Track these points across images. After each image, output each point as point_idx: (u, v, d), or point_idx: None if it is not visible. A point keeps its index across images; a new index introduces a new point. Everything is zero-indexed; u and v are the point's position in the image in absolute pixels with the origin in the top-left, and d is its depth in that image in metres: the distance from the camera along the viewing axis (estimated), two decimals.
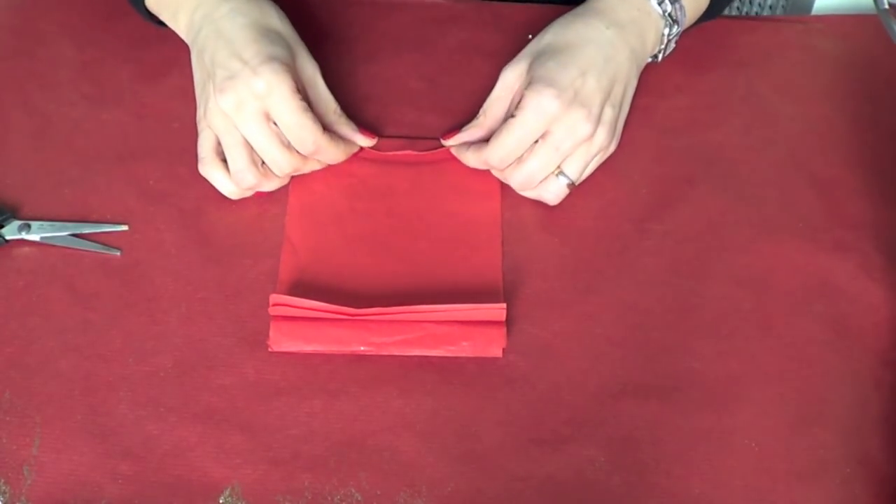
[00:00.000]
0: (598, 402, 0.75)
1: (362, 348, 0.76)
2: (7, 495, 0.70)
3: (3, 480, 0.70)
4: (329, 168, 0.85)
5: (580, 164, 0.82)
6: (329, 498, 0.71)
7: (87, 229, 0.81)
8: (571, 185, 0.82)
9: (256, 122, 0.78)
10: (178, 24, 0.85)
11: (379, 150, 0.86)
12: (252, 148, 0.80)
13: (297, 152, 0.80)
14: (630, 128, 0.87)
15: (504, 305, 0.77)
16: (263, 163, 0.81)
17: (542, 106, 0.79)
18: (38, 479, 0.71)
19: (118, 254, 0.81)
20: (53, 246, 0.81)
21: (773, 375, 0.76)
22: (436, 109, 0.89)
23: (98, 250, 0.80)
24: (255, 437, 0.73)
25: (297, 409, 0.74)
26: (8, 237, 0.80)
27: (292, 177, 0.84)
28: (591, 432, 0.74)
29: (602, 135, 0.81)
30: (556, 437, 0.73)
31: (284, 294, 0.77)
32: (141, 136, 0.87)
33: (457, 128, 0.85)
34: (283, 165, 0.80)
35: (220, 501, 0.70)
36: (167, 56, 0.89)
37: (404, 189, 0.85)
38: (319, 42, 0.92)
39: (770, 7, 1.25)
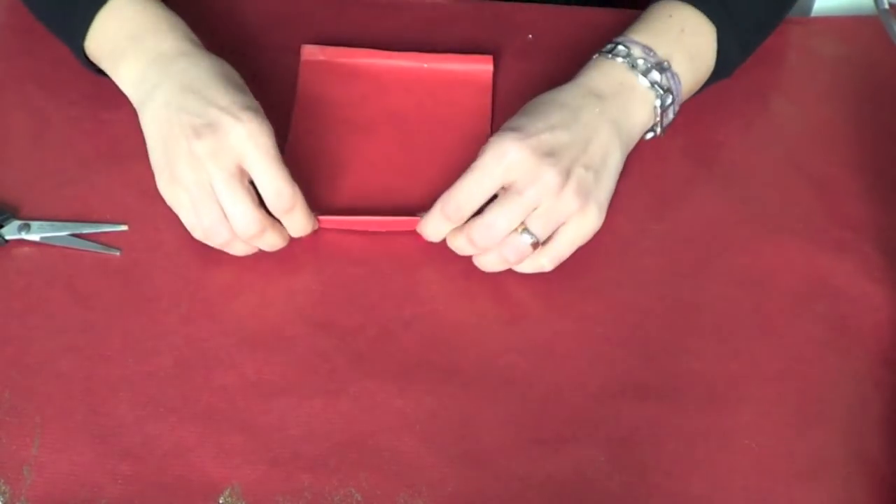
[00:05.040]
0: (598, 402, 0.75)
1: None
2: (7, 495, 0.70)
3: (3, 480, 0.70)
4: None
5: (545, 222, 0.76)
6: (329, 498, 0.71)
7: (87, 229, 0.81)
8: (536, 244, 0.76)
9: (230, 172, 0.75)
10: (121, 76, 0.82)
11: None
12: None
13: (264, 214, 0.76)
14: None
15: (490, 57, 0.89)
16: None
17: (502, 148, 0.75)
18: (37, 479, 0.71)
19: (118, 254, 0.81)
20: (53, 246, 0.81)
21: (773, 375, 0.76)
22: None
23: (98, 250, 0.80)
24: (255, 437, 0.73)
25: (297, 409, 0.74)
26: (8, 237, 0.80)
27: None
28: (591, 432, 0.74)
29: (572, 196, 0.75)
30: (556, 437, 0.73)
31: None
32: (141, 136, 0.86)
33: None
34: (248, 223, 0.75)
35: (220, 501, 0.70)
36: None
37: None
38: (319, 42, 0.92)
39: None
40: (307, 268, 0.81)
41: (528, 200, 0.75)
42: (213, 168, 0.74)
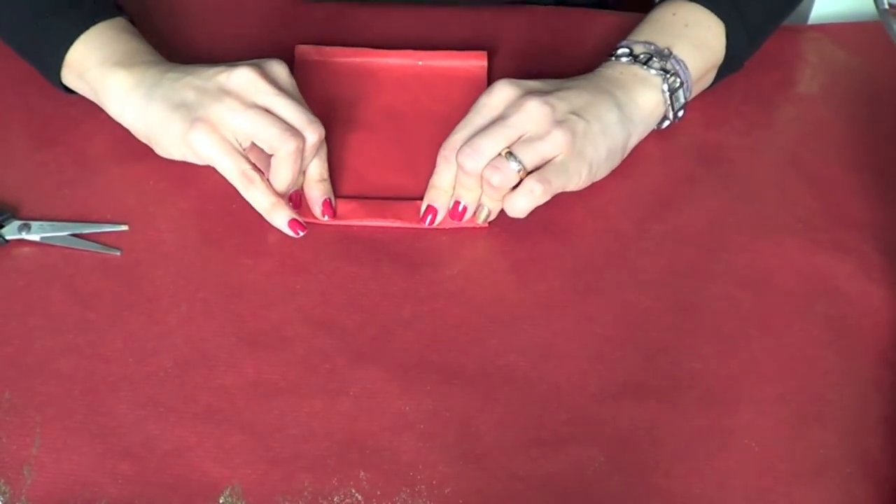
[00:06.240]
0: (598, 402, 0.75)
1: None
2: (7, 495, 0.70)
3: (3, 480, 0.70)
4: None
5: (532, 152, 0.78)
6: (329, 498, 0.71)
7: (87, 229, 0.81)
8: (522, 172, 0.78)
9: (279, 87, 0.80)
10: (111, 83, 0.82)
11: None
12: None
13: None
14: None
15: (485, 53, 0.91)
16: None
17: (493, 86, 0.81)
18: (38, 479, 0.71)
19: (118, 254, 0.81)
20: (53, 246, 0.81)
21: (773, 375, 0.76)
22: None
23: (98, 250, 0.80)
24: (255, 437, 0.73)
25: (297, 409, 0.74)
26: (8, 237, 0.80)
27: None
28: (591, 432, 0.74)
29: (560, 132, 0.78)
30: (556, 437, 0.73)
31: None
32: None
33: None
34: (317, 123, 0.79)
35: (220, 501, 0.70)
36: (166, 56, 0.89)
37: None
38: (320, 43, 0.92)
39: None
40: (307, 268, 0.81)
41: (511, 124, 0.79)
42: (264, 85, 0.79)
